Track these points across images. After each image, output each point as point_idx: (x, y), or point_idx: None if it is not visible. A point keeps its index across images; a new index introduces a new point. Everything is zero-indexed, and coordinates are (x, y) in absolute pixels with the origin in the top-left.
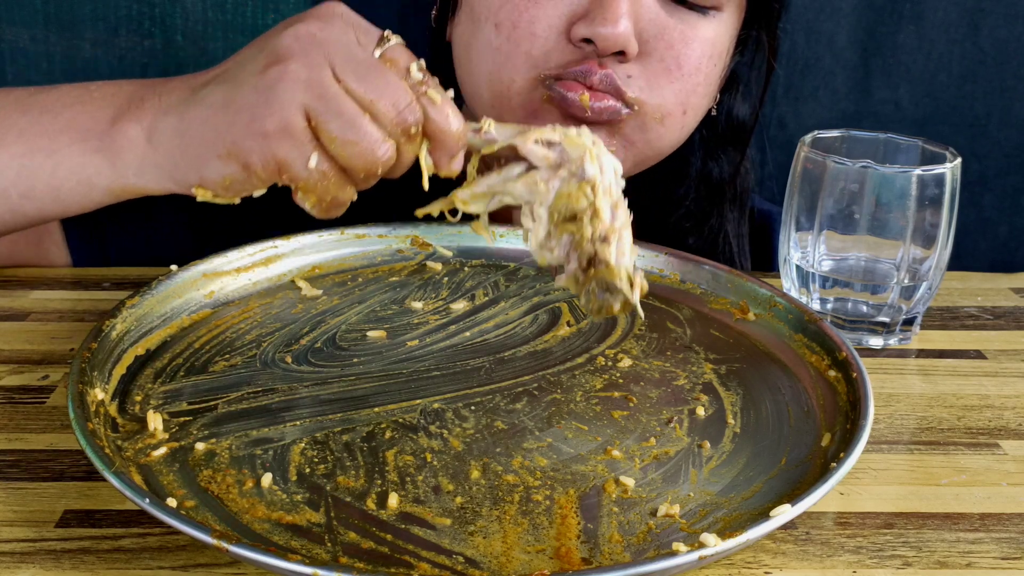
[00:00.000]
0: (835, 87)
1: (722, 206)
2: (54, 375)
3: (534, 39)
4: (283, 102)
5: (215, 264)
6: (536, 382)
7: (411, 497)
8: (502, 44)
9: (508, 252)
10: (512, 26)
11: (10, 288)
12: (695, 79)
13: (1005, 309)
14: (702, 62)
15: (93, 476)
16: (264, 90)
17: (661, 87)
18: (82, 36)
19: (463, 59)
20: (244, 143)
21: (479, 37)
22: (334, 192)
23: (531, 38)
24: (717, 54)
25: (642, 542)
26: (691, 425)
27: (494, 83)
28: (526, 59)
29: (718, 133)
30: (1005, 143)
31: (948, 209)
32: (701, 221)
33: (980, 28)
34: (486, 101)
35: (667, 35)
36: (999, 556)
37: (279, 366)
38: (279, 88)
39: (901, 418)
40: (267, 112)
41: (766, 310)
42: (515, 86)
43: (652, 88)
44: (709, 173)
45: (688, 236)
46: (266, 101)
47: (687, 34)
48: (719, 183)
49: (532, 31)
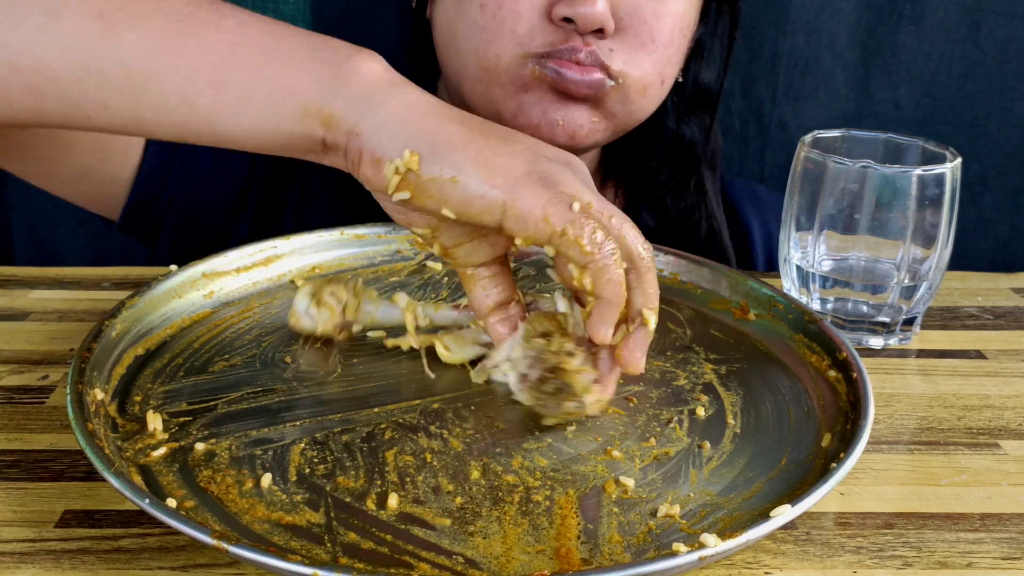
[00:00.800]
0: (835, 87)
1: (699, 166)
2: (54, 375)
3: (518, 17)
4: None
5: (215, 264)
6: None
7: (411, 497)
8: (488, 23)
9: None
10: (497, 6)
11: (10, 288)
12: (669, 51)
13: (1005, 309)
14: (674, 35)
15: (93, 476)
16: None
17: (640, 60)
18: None
19: (447, 37)
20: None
21: (464, 17)
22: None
23: (515, 16)
24: (686, 26)
25: (642, 542)
26: (691, 425)
27: (481, 59)
28: (511, 37)
29: (687, 98)
30: (1005, 143)
31: (948, 209)
32: (681, 182)
33: (980, 28)
34: (473, 77)
35: (640, 11)
36: (999, 556)
37: (279, 366)
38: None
39: (901, 418)
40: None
41: (766, 310)
42: (502, 62)
43: (632, 61)
44: (683, 136)
45: (667, 196)
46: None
47: (659, 9)
48: (691, 145)
49: (516, 10)
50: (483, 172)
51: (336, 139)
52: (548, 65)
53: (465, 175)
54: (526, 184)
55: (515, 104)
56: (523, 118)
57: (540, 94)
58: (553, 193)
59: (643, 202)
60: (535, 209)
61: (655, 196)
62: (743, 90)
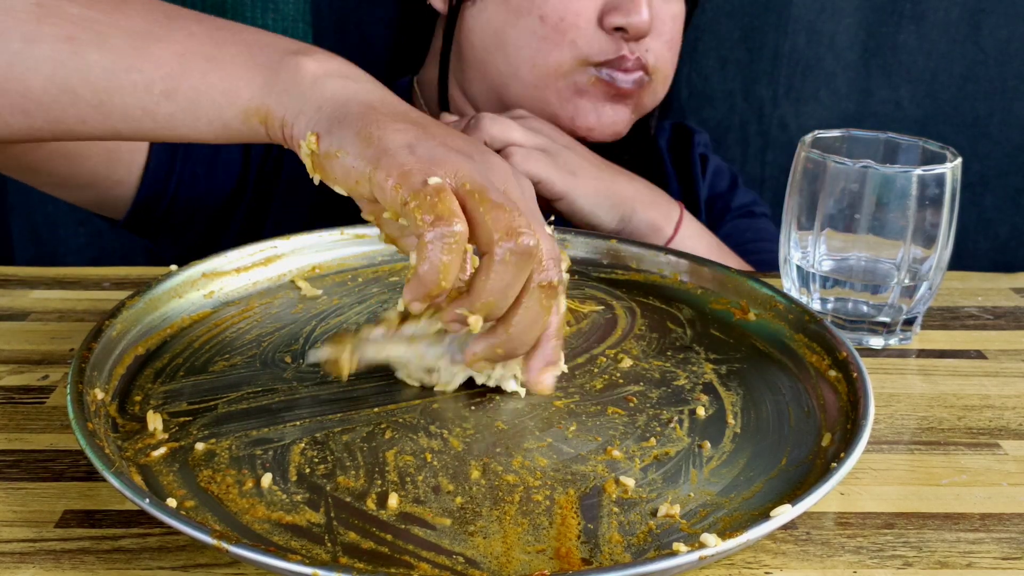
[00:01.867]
0: (836, 88)
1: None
2: (54, 375)
3: (578, 30)
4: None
5: (215, 264)
6: None
7: (411, 497)
8: (549, 33)
9: None
10: (559, 19)
11: (10, 288)
12: (678, 45)
13: (1005, 309)
14: (678, 34)
15: (93, 476)
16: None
17: (664, 56)
18: None
19: (492, 43)
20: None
21: (519, 27)
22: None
23: (576, 29)
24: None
25: (642, 542)
26: (691, 425)
27: (539, 67)
28: (571, 46)
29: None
30: (1006, 143)
31: (948, 209)
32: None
33: (981, 28)
34: (527, 82)
35: (663, 16)
36: (999, 556)
37: (279, 366)
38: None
39: (901, 418)
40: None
41: (766, 310)
42: (562, 68)
43: (661, 59)
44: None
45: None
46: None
47: (673, 11)
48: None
49: (576, 23)
50: (360, 144)
51: (276, 133)
52: (604, 71)
53: (345, 148)
54: (393, 154)
55: (572, 108)
56: (580, 120)
57: (595, 99)
58: (414, 164)
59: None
60: (390, 177)
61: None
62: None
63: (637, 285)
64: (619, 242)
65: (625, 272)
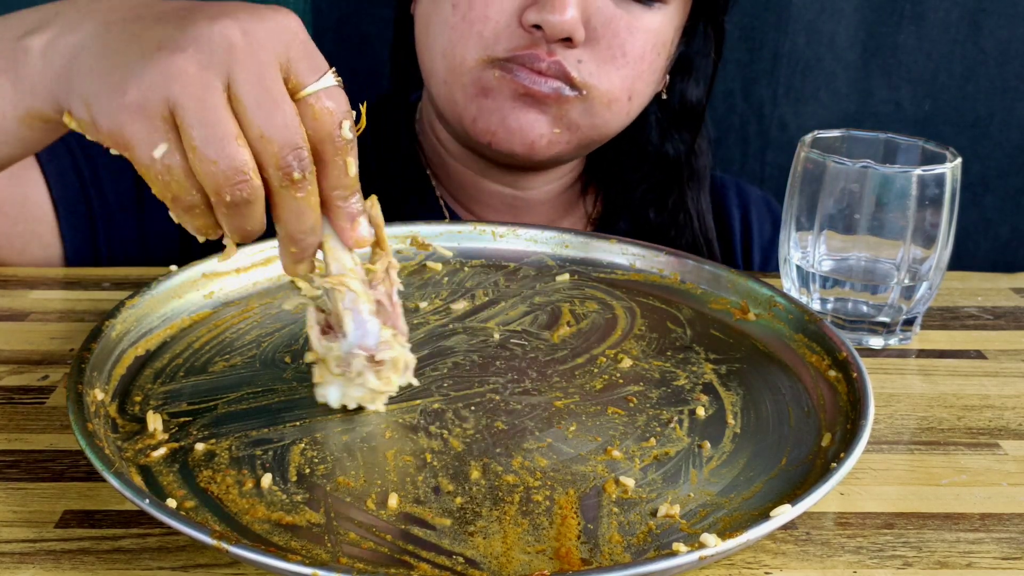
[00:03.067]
0: (836, 88)
1: (680, 183)
2: (54, 375)
3: (487, 21)
4: (153, 82)
5: (215, 264)
6: (536, 382)
7: (411, 497)
8: (457, 23)
9: (508, 252)
10: (468, 6)
11: (10, 288)
12: (639, 67)
13: (1005, 309)
14: (646, 51)
15: (93, 476)
16: (147, 60)
17: (608, 73)
18: None
19: (422, 34)
20: (100, 101)
21: (437, 14)
22: (179, 195)
23: (484, 20)
24: (661, 43)
25: (642, 542)
26: (691, 425)
27: (448, 58)
28: (478, 39)
29: (672, 115)
30: (1006, 144)
31: (948, 209)
32: (661, 197)
33: (981, 28)
34: (440, 77)
35: (613, 24)
36: (999, 556)
37: (279, 366)
38: (157, 68)
39: (901, 418)
40: (134, 82)
41: (766, 310)
42: (466, 64)
43: (600, 74)
44: (666, 153)
45: (649, 210)
46: (140, 72)
47: (632, 24)
48: (675, 161)
49: (486, 13)
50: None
51: (74, 125)
52: (509, 68)
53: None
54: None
55: (475, 108)
56: (482, 123)
57: (500, 100)
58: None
59: (622, 211)
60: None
61: (633, 207)
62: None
63: (637, 285)
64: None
65: (625, 272)
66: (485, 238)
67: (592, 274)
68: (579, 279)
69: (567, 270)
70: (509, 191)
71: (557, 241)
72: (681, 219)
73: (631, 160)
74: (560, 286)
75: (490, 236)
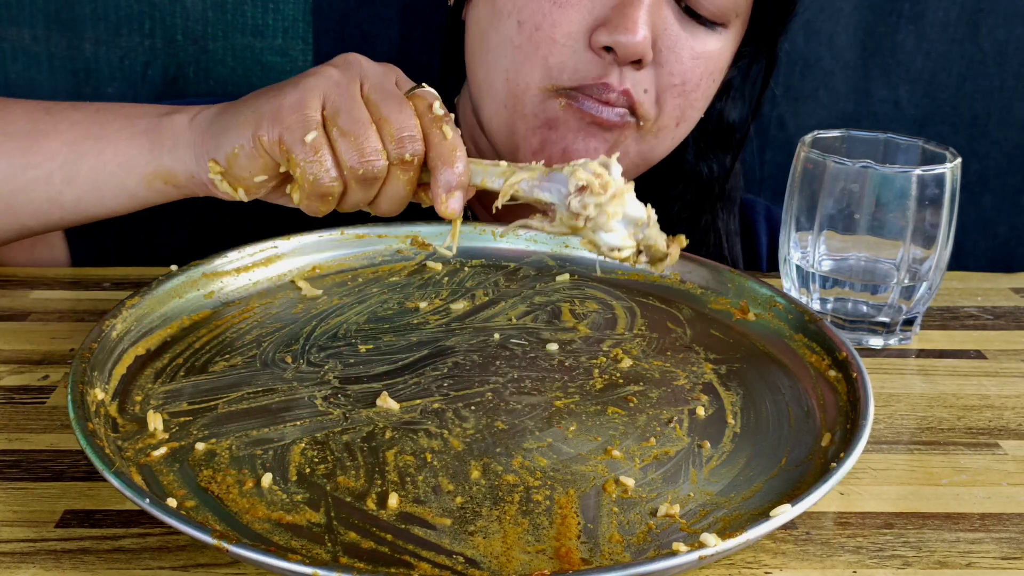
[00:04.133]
0: (835, 87)
1: (713, 205)
2: (54, 375)
3: (553, 44)
4: (307, 86)
5: (215, 264)
6: (536, 382)
7: (411, 497)
8: (523, 43)
9: (508, 252)
10: (535, 27)
11: (10, 288)
12: (695, 95)
13: (1005, 309)
14: (703, 79)
15: (93, 476)
16: (297, 82)
17: (665, 101)
18: (83, 36)
19: (478, 46)
20: (260, 112)
21: (499, 30)
22: (320, 176)
23: (551, 43)
24: (719, 70)
25: (642, 542)
26: (691, 425)
27: (511, 83)
28: (543, 65)
29: (708, 135)
30: (1005, 143)
31: (948, 209)
32: (693, 218)
33: (980, 28)
34: (499, 99)
35: (678, 48)
36: (999, 556)
37: (279, 366)
38: (308, 81)
39: (901, 418)
40: (291, 92)
41: (766, 310)
42: (530, 92)
43: (658, 102)
44: (700, 173)
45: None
46: (294, 85)
47: (696, 49)
48: (709, 183)
49: (552, 36)
50: (242, 128)
51: (190, 189)
52: (575, 96)
53: (232, 144)
54: (259, 121)
55: (537, 141)
56: (544, 155)
57: (564, 131)
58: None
59: None
60: (275, 138)
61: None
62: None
63: (637, 285)
64: None
65: (625, 272)
66: (485, 238)
67: (592, 274)
68: (579, 279)
69: (567, 270)
70: None
71: (557, 241)
72: (711, 240)
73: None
74: (560, 286)
75: (490, 236)
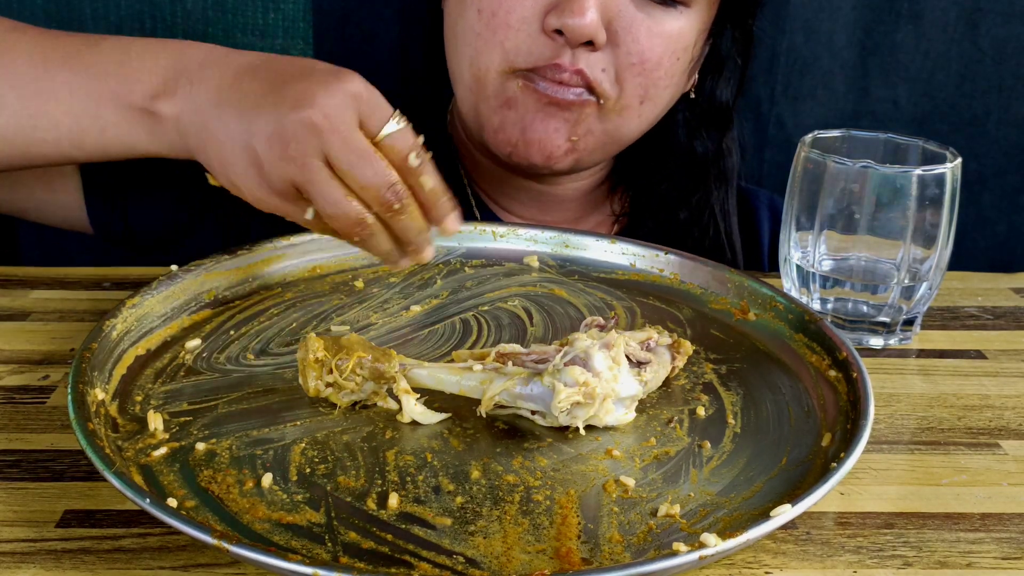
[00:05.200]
0: (833, 86)
1: (707, 182)
2: (54, 375)
3: (508, 29)
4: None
5: (215, 264)
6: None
7: (411, 497)
8: (482, 30)
9: (508, 252)
10: (491, 13)
11: (10, 288)
12: (656, 73)
13: (1005, 309)
14: (664, 57)
15: (93, 476)
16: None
17: (625, 80)
18: None
19: (450, 38)
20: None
21: (464, 19)
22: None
23: (506, 28)
24: (681, 48)
25: (642, 542)
26: (691, 425)
27: (473, 67)
28: (500, 49)
29: (700, 114)
30: (1003, 142)
31: (948, 209)
32: (687, 195)
33: (978, 27)
34: (466, 82)
35: (635, 28)
36: (999, 556)
37: (279, 366)
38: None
39: (901, 418)
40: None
41: (766, 310)
42: (490, 75)
43: (618, 81)
44: (693, 150)
45: (674, 208)
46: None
47: (653, 29)
48: (703, 161)
49: (507, 21)
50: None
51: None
52: (531, 78)
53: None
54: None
55: (498, 120)
56: (503, 135)
57: (522, 111)
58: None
59: (647, 210)
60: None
61: (657, 206)
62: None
63: (637, 285)
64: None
65: (625, 272)
66: (485, 238)
67: (592, 274)
68: (579, 279)
69: (567, 270)
70: (536, 186)
71: (557, 241)
72: (705, 218)
73: (657, 159)
74: (559, 285)
75: (490, 236)
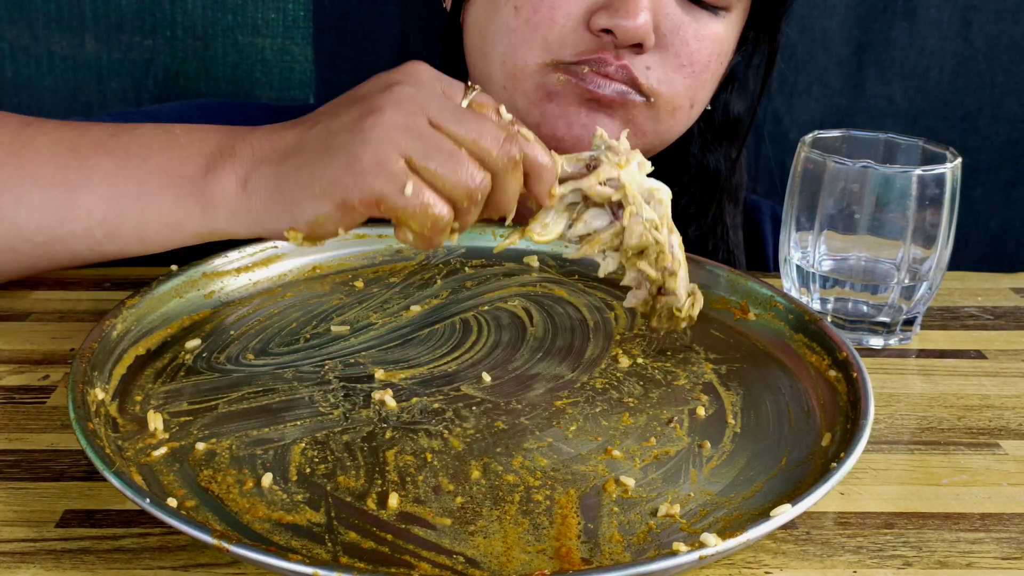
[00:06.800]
0: (828, 83)
1: (720, 197)
2: (54, 375)
3: (552, 24)
4: (380, 143)
5: (215, 264)
6: (536, 382)
7: (411, 497)
8: (519, 26)
9: (508, 252)
10: (532, 10)
11: (10, 288)
12: (704, 76)
13: (1005, 309)
14: (711, 59)
15: (93, 476)
16: (360, 133)
17: (673, 81)
18: (84, 34)
19: (477, 41)
20: (340, 180)
21: (496, 19)
22: (433, 218)
23: (549, 23)
24: (724, 52)
25: (642, 542)
26: (691, 425)
27: (507, 64)
28: (542, 43)
29: (715, 127)
30: (996, 137)
31: (948, 209)
32: (702, 210)
33: (971, 24)
34: (499, 83)
35: (682, 31)
36: (999, 556)
37: (279, 366)
38: (375, 132)
39: (901, 418)
40: (363, 150)
41: (766, 310)
42: (528, 69)
43: (667, 81)
44: (707, 165)
45: (691, 224)
46: (363, 141)
47: (700, 32)
48: (716, 175)
49: (551, 16)
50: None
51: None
52: (574, 71)
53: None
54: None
55: (538, 114)
56: (546, 128)
57: (565, 105)
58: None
59: None
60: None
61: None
62: None
63: None
64: None
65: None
66: (485, 238)
67: (592, 274)
68: (579, 279)
69: (567, 270)
70: None
71: (557, 241)
72: (719, 232)
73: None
74: (559, 285)
75: (490, 236)
